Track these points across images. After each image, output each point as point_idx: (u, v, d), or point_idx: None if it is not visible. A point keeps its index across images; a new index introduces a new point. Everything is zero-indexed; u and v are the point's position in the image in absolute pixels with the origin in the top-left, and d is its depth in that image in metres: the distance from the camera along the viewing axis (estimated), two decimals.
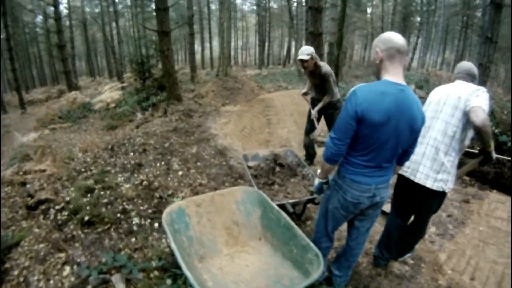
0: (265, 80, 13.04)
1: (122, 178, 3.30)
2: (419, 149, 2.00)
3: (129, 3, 22.55)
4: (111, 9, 21.07)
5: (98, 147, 4.44)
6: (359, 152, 1.57)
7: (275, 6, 28.21)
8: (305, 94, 3.81)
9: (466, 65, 2.06)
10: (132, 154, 3.99)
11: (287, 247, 1.88)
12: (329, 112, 3.67)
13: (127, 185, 3.11)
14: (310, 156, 4.10)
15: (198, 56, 26.21)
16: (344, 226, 2.10)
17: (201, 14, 28.21)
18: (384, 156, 1.56)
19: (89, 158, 3.96)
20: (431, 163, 1.96)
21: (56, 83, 23.41)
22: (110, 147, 4.34)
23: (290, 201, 2.47)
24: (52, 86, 21.05)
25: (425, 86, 9.16)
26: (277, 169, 3.02)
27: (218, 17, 29.37)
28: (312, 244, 1.70)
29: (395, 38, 1.47)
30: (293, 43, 30.40)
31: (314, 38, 7.28)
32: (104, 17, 22.50)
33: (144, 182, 3.15)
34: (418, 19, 25.84)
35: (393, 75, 1.48)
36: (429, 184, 1.96)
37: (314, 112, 3.60)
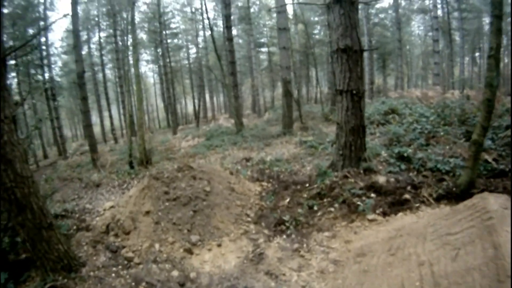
0: (207, 149, 9.51)
1: None
2: None
3: None
4: None
5: None
6: None
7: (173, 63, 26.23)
8: None
9: None
10: None
11: None
12: None
13: None
14: None
15: (97, 129, 22.02)
16: None
17: (95, 77, 23.63)
18: None
19: None
20: None
21: None
22: None
23: None
24: None
25: None
26: None
27: (114, 78, 24.38)
28: None
29: None
30: (221, 95, 27.06)
31: (356, 60, 4.09)
32: None
33: None
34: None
35: None
36: None
37: None
